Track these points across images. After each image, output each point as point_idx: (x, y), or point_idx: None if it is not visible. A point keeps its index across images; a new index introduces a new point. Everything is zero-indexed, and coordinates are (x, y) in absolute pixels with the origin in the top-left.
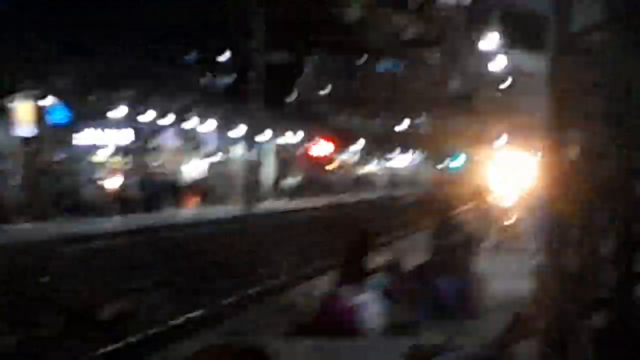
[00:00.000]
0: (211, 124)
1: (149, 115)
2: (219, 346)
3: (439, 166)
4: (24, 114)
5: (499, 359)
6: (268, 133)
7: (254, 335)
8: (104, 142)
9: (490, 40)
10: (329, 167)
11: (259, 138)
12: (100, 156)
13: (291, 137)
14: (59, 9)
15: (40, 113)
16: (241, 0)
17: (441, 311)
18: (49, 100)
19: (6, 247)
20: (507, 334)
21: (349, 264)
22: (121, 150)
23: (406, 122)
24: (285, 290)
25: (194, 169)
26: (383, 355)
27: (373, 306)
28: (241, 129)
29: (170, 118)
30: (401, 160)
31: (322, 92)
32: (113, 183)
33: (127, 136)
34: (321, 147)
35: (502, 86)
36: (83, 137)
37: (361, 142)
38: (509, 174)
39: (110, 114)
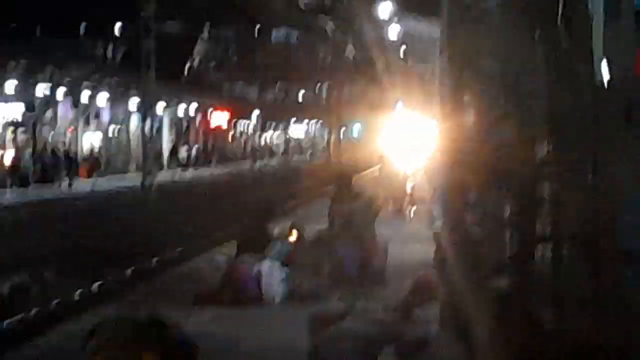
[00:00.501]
0: (106, 96)
1: (42, 88)
2: (119, 318)
3: (338, 133)
4: None
5: (401, 323)
6: (163, 103)
7: (155, 306)
8: None
9: (385, 8)
10: (226, 137)
11: (154, 109)
12: None
13: (188, 108)
14: None
15: None
16: None
17: (343, 277)
18: None
19: None
20: (409, 298)
21: (250, 233)
22: (14, 124)
23: (304, 91)
24: (186, 261)
25: (89, 140)
26: (285, 323)
27: (274, 274)
28: (136, 100)
29: (65, 90)
30: (299, 129)
31: (218, 62)
32: (7, 156)
33: (19, 109)
34: (218, 117)
35: (398, 53)
36: None
37: (258, 111)
38: (409, 140)
39: (2, 87)
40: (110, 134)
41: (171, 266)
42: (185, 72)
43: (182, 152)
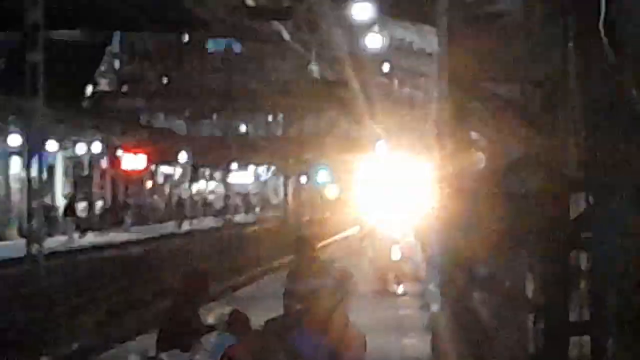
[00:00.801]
0: None
1: None
2: None
3: (298, 183)
4: None
5: None
6: (55, 142)
7: None
8: None
9: (362, 11)
10: (144, 188)
11: (43, 149)
12: None
13: (90, 147)
14: None
15: None
16: None
17: None
18: None
19: None
20: None
21: (175, 320)
22: None
23: (250, 125)
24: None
25: None
26: None
27: None
28: (18, 138)
29: None
30: (244, 176)
31: (132, 84)
32: None
33: None
34: (132, 160)
35: (380, 71)
36: None
37: (187, 152)
38: (394, 192)
39: None
40: None
41: None
42: (87, 98)
43: (82, 209)
